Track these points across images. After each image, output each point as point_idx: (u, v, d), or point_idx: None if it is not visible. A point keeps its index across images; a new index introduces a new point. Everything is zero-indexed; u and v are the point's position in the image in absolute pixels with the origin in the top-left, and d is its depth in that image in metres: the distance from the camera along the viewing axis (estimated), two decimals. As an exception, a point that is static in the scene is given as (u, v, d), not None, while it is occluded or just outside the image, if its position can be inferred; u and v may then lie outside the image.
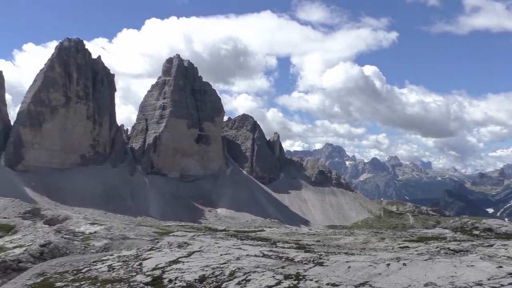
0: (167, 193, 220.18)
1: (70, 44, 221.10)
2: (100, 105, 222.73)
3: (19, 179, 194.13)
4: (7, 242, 31.72)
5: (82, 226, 43.06)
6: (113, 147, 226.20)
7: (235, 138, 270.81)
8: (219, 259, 23.38)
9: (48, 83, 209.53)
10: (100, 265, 23.89)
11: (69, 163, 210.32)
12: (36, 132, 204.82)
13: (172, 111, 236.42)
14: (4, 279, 24.36)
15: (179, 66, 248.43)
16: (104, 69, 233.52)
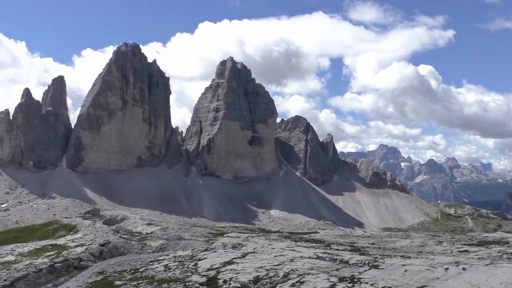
0: (221, 194, 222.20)
1: (127, 48, 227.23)
2: (156, 108, 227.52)
3: (79, 180, 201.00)
4: (69, 241, 32.84)
5: (139, 227, 44.03)
6: (168, 149, 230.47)
7: (288, 139, 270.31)
8: (273, 260, 23.37)
9: (106, 87, 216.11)
10: (156, 265, 24.34)
11: (126, 165, 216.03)
12: (95, 135, 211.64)
13: (226, 113, 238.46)
14: (67, 276, 25.21)
15: (233, 69, 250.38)
16: (159, 73, 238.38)
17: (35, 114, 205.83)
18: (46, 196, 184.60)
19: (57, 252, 28.65)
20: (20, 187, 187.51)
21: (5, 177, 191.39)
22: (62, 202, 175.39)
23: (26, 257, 27.91)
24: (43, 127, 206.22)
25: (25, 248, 31.13)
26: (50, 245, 31.88)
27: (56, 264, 26.15)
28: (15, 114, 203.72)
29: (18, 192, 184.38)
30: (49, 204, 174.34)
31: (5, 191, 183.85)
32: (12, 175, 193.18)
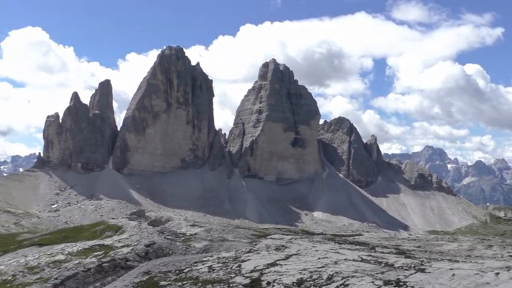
0: (264, 196, 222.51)
1: (171, 52, 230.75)
2: (199, 110, 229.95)
3: (125, 182, 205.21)
4: (115, 241, 33.54)
5: (183, 228, 44.53)
6: (211, 151, 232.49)
7: (331, 141, 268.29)
8: (316, 262, 23.24)
9: (150, 90, 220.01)
10: (200, 266, 24.57)
11: (170, 167, 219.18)
12: (140, 137, 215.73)
13: (269, 115, 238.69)
14: (114, 276, 25.75)
15: (275, 70, 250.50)
16: (203, 75, 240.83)
17: (83, 117, 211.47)
18: (94, 197, 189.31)
19: (105, 252, 29.33)
20: (69, 188, 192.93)
21: (55, 179, 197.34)
22: (108, 203, 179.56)
23: (75, 257, 28.69)
24: (90, 130, 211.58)
25: (74, 247, 31.99)
26: (98, 245, 32.66)
27: (104, 263, 26.77)
28: (64, 118, 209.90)
29: (67, 193, 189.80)
30: (96, 205, 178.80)
31: (55, 192, 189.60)
32: (62, 176, 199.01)
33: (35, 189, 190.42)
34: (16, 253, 33.31)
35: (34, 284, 24.09)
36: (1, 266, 28.59)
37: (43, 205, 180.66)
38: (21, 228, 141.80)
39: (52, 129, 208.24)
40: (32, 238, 42.75)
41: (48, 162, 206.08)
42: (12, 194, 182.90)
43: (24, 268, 27.14)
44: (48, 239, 39.48)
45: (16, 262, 29.24)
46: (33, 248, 34.87)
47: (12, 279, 25.59)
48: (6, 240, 44.33)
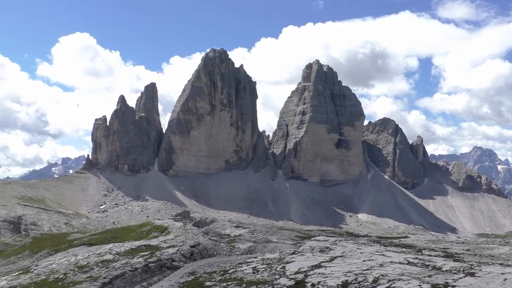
0: (308, 197, 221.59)
1: (214, 54, 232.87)
2: (243, 112, 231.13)
3: (171, 183, 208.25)
4: (161, 242, 34.08)
5: (228, 229, 44.81)
6: (255, 152, 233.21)
7: (376, 142, 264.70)
8: (361, 265, 22.99)
9: (195, 92, 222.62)
10: (245, 267, 24.68)
11: (214, 168, 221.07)
12: (185, 139, 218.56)
13: (312, 116, 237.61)
14: (160, 276, 26.17)
15: (319, 72, 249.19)
16: (246, 77, 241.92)
17: (129, 120, 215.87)
18: (140, 198, 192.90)
19: (151, 253, 29.87)
20: (116, 190, 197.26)
21: (103, 180, 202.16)
22: (154, 205, 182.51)
23: (123, 257, 29.32)
24: (136, 132, 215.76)
25: (121, 248, 32.69)
26: (144, 245, 33.27)
27: (150, 263, 27.26)
28: (111, 120, 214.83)
29: (114, 195, 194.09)
30: (142, 206, 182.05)
31: (103, 193, 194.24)
32: (109, 178, 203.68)
33: (84, 190, 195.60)
34: (67, 252, 34.34)
35: (84, 283, 24.76)
36: (53, 264, 29.53)
37: (91, 205, 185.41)
38: (71, 228, 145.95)
39: (100, 132, 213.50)
40: (81, 238, 43.96)
41: (96, 164, 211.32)
42: (63, 195, 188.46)
43: (74, 267, 27.94)
44: (97, 239, 40.50)
45: (67, 261, 30.15)
46: (83, 247, 35.85)
47: (63, 277, 26.40)
48: (58, 240, 45.76)
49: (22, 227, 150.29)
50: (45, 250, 39.65)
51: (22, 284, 26.56)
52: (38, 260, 35.63)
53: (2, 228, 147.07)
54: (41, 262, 32.76)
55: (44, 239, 50.56)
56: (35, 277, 27.86)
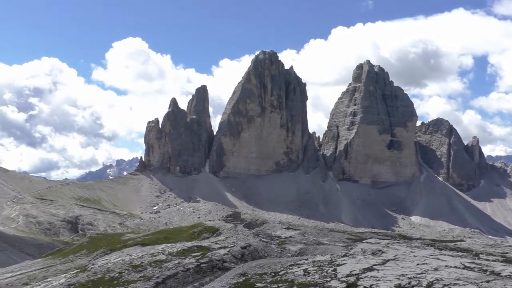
0: (359, 199, 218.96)
1: (264, 56, 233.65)
2: (293, 113, 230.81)
3: (221, 185, 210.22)
4: (212, 243, 34.45)
5: (278, 231, 44.82)
6: (305, 154, 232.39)
7: (429, 143, 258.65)
8: (415, 268, 22.52)
9: (245, 94, 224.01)
10: (296, 269, 24.62)
11: (264, 170, 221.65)
12: (235, 141, 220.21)
13: (363, 117, 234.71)
14: (211, 276, 26.45)
15: (369, 72, 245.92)
16: (296, 79, 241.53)
17: (181, 122, 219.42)
18: (191, 199, 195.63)
19: (202, 253, 30.24)
20: (168, 191, 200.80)
21: (155, 182, 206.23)
22: (205, 206, 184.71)
23: (175, 257, 29.83)
24: (188, 134, 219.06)
25: (173, 248, 33.24)
26: (196, 246, 33.72)
27: (202, 264, 27.60)
28: (164, 123, 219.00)
29: (166, 196, 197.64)
30: (194, 207, 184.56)
31: (155, 194, 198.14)
32: (162, 179, 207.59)
33: (138, 192, 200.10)
34: (122, 252, 35.22)
35: (138, 282, 25.34)
36: (109, 263, 30.36)
37: (144, 206, 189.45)
38: (125, 228, 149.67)
39: (153, 134, 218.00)
40: (135, 238, 45.00)
41: (149, 166, 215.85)
42: (117, 196, 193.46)
43: (129, 266, 28.64)
44: (150, 239, 41.36)
45: (122, 260, 30.93)
46: (137, 247, 36.69)
47: (118, 276, 27.10)
48: (113, 240, 47.02)
49: (79, 227, 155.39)
50: (101, 249, 40.82)
51: (80, 282, 27.44)
52: (94, 259, 36.73)
53: (61, 227, 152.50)
54: (97, 261, 33.76)
55: (100, 239, 52.05)
56: (92, 275, 28.74)
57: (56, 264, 39.56)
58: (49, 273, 34.78)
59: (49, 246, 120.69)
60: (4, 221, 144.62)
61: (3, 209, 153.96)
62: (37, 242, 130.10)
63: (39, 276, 34.37)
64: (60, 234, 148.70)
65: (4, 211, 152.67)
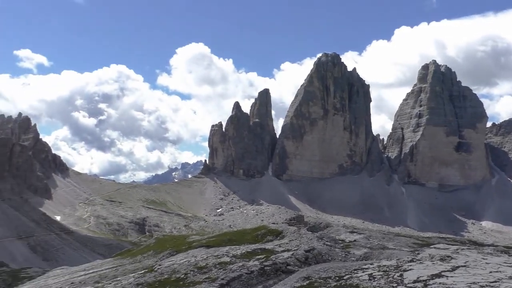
0: (425, 203, 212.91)
1: (327, 59, 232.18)
2: (356, 115, 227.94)
3: (284, 188, 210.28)
4: (276, 245, 34.44)
5: (342, 234, 44.25)
6: (369, 156, 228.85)
7: (501, 145, 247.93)
8: (488, 276, 21.60)
9: (308, 97, 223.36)
10: (360, 273, 24.21)
11: (328, 173, 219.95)
12: (298, 144, 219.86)
13: (429, 118, 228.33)
14: (275, 279, 26.42)
15: (436, 72, 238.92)
16: (359, 81, 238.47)
17: (244, 125, 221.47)
18: (255, 202, 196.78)
19: (266, 256, 30.28)
20: (232, 194, 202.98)
21: (219, 185, 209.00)
22: (268, 209, 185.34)
23: (239, 259, 30.05)
24: (251, 137, 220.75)
25: (238, 250, 33.50)
26: (260, 249, 33.83)
27: (266, 267, 27.62)
28: (227, 126, 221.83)
29: (230, 199, 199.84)
30: (257, 210, 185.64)
31: (219, 197, 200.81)
32: (225, 182, 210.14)
33: (202, 194, 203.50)
34: (187, 254, 35.82)
35: (203, 283, 25.68)
36: (175, 264, 30.99)
37: (209, 209, 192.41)
38: (190, 230, 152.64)
39: (216, 138, 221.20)
40: (200, 239, 45.70)
41: (213, 169, 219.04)
42: (182, 198, 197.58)
43: (194, 268, 29.11)
44: (214, 241, 41.87)
45: (187, 261, 31.49)
46: (201, 249, 37.21)
47: (184, 277, 27.60)
48: (178, 241, 47.96)
49: (146, 228, 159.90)
50: (167, 250, 41.70)
51: (148, 282, 28.13)
52: (161, 259, 37.58)
53: (129, 228, 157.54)
54: (163, 261, 34.52)
55: (166, 240, 53.23)
56: (159, 275, 29.42)
57: (124, 264, 40.80)
58: (118, 273, 35.91)
59: (118, 246, 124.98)
60: (77, 221, 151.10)
61: (76, 210, 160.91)
62: (107, 242, 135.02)
63: (110, 275, 35.54)
64: (128, 235, 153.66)
65: (77, 212, 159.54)
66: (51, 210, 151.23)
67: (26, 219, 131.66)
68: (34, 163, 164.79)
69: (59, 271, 53.60)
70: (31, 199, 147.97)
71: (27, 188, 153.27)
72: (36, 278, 54.79)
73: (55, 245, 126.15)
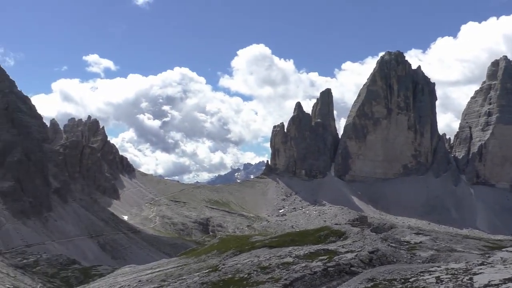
0: (496, 204, 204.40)
1: (390, 57, 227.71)
2: (421, 114, 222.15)
3: (347, 188, 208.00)
4: (339, 246, 34.18)
5: (407, 236, 43.36)
6: (435, 156, 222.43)
7: None
8: None
9: (370, 96, 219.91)
10: (427, 276, 23.63)
11: (391, 173, 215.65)
12: (361, 144, 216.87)
13: (500, 117, 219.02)
14: (338, 281, 26.24)
15: (507, 68, 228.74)
16: (424, 79, 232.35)
17: (306, 126, 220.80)
18: (317, 203, 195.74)
19: (329, 257, 30.11)
20: (294, 194, 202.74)
21: (281, 185, 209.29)
22: (331, 209, 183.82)
23: (302, 260, 30.04)
24: (313, 138, 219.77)
25: (300, 251, 33.48)
26: (322, 249, 33.66)
27: (329, 268, 27.48)
28: (289, 127, 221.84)
29: (292, 199, 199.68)
30: (319, 211, 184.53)
31: (281, 198, 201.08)
32: (287, 183, 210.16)
33: (264, 195, 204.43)
34: (250, 253, 36.15)
35: (267, 283, 25.87)
36: (238, 264, 31.34)
37: (271, 209, 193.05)
38: (253, 230, 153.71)
39: (278, 138, 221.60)
40: (263, 240, 45.98)
41: (275, 170, 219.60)
42: (245, 198, 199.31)
43: (257, 268, 29.34)
44: (277, 241, 42.02)
45: (250, 261, 31.77)
46: (264, 249, 37.44)
47: (247, 277, 27.87)
48: (241, 241, 48.46)
49: (210, 228, 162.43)
50: (230, 250, 42.23)
51: (212, 281, 28.62)
52: (224, 259, 38.12)
53: (194, 228, 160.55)
54: (227, 261, 34.99)
55: (229, 240, 53.94)
56: (222, 275, 29.86)
57: (189, 263, 41.63)
58: (183, 272, 36.71)
59: (182, 245, 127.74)
60: (143, 221, 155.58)
61: (142, 210, 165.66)
62: (172, 242, 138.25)
63: (175, 274, 36.40)
64: (192, 234, 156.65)
65: (143, 212, 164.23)
66: (118, 210, 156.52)
67: (96, 219, 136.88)
68: (102, 165, 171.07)
69: (127, 269, 55.46)
70: (100, 199, 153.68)
71: (96, 189, 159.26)
72: (106, 276, 56.96)
73: (123, 244, 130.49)
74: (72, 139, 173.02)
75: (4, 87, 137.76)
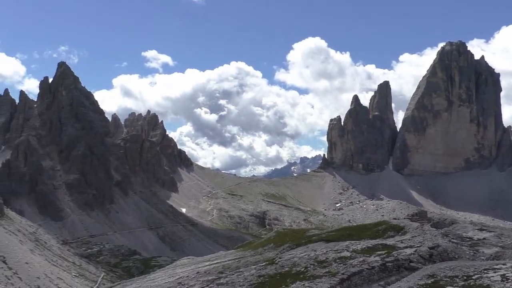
0: None
1: (451, 48, 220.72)
2: (484, 106, 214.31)
3: (405, 182, 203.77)
4: (398, 241, 33.52)
5: (470, 232, 41.94)
6: (499, 149, 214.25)
7: None
8: None
9: (430, 88, 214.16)
10: (492, 274, 22.79)
11: (452, 167, 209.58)
12: (420, 137, 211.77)
13: None
14: (397, 276, 25.77)
15: None
16: (488, 69, 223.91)
17: (363, 119, 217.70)
18: (374, 197, 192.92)
19: (387, 252, 29.59)
20: (351, 188, 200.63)
21: (338, 179, 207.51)
22: (389, 204, 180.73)
23: (360, 254, 29.67)
24: (370, 131, 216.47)
25: (358, 245, 33.08)
26: (380, 244, 33.12)
27: (387, 263, 27.02)
28: (346, 120, 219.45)
29: (349, 193, 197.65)
30: (377, 205, 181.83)
31: (338, 192, 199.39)
32: (344, 177, 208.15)
33: (321, 189, 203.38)
34: (307, 247, 36.00)
35: (323, 277, 25.73)
36: (295, 258, 31.31)
37: (328, 203, 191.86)
38: (309, 224, 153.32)
39: (335, 132, 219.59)
40: (319, 234, 45.68)
41: (331, 163, 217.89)
42: (301, 192, 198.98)
43: (314, 262, 29.22)
44: (334, 235, 41.63)
45: (307, 255, 31.66)
46: (321, 243, 37.18)
47: (304, 271, 27.81)
48: (298, 235, 48.33)
49: (267, 221, 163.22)
50: (287, 244, 42.16)
51: (269, 274, 28.73)
52: (281, 252, 38.13)
53: (250, 221, 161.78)
54: (284, 255, 34.99)
55: (286, 234, 53.86)
56: (279, 268, 29.90)
57: (246, 256, 41.90)
58: (240, 264, 36.97)
59: (239, 238, 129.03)
60: (201, 214, 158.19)
61: (200, 203, 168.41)
62: (229, 234, 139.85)
63: (232, 266, 36.72)
64: (249, 227, 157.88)
65: (201, 205, 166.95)
66: (177, 203, 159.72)
67: (155, 211, 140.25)
68: (161, 158, 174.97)
69: (185, 260, 56.44)
70: (159, 192, 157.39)
71: (155, 182, 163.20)
72: (165, 267, 58.22)
73: (181, 236, 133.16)
74: (132, 133, 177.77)
75: (69, 84, 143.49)
